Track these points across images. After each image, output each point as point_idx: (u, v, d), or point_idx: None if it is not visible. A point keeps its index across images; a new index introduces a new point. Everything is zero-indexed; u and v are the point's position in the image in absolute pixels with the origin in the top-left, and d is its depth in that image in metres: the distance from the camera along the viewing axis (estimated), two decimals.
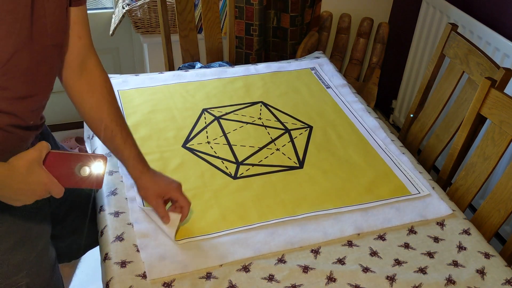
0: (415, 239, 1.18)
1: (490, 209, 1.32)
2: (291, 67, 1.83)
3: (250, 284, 1.04)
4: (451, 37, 1.61)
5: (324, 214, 1.21)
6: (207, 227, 1.16)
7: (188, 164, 1.34)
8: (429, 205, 1.26)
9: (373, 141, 1.48)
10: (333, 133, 1.50)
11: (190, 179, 1.29)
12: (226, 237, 1.14)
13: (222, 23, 2.26)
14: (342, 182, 1.32)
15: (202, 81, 1.69)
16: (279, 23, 2.27)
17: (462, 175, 1.44)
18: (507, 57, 1.85)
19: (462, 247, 1.17)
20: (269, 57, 2.40)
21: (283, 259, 1.10)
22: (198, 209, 1.21)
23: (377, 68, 2.51)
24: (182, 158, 1.36)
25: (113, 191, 1.23)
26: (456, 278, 1.08)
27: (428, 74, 1.70)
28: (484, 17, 1.99)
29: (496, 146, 1.35)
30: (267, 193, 1.27)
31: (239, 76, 1.74)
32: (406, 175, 1.36)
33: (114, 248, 1.09)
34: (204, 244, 1.12)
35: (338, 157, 1.41)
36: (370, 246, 1.15)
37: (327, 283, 1.06)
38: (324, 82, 1.75)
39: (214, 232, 1.15)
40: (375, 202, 1.26)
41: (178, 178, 1.21)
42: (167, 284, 1.03)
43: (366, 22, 2.48)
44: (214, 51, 2.09)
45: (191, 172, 1.32)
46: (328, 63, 1.87)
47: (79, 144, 2.44)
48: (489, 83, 1.35)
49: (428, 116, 1.67)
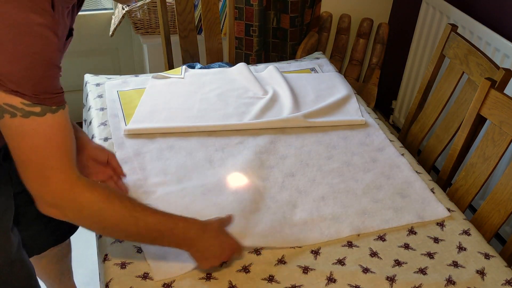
0: (415, 239, 1.18)
1: (490, 210, 1.32)
2: (291, 68, 1.83)
3: (250, 284, 1.04)
4: (451, 38, 1.61)
5: (322, 215, 1.21)
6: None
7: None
8: (426, 207, 1.26)
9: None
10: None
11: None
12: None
13: (222, 23, 2.26)
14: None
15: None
16: (279, 23, 2.27)
17: (462, 176, 1.44)
18: (507, 58, 1.85)
19: (462, 247, 1.17)
20: (269, 57, 2.40)
21: (283, 260, 1.10)
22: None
23: (377, 68, 2.51)
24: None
25: None
26: (456, 279, 1.08)
27: (428, 75, 1.70)
28: (484, 17, 1.99)
29: (496, 146, 1.35)
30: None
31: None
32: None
33: (114, 249, 1.09)
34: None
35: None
36: (370, 247, 1.15)
37: (327, 283, 1.05)
38: None
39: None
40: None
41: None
42: (167, 285, 1.03)
43: (366, 23, 2.48)
44: (214, 52, 2.09)
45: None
46: (328, 63, 1.87)
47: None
48: (489, 84, 1.35)
49: (428, 117, 1.67)
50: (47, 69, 0.82)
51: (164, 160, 1.34)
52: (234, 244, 1.04)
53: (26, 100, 0.79)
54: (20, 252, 1.17)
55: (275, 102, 1.58)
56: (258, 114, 1.52)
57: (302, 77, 1.75)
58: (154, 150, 1.37)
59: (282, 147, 1.43)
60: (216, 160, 1.35)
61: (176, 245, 1.00)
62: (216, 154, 1.38)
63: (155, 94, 1.59)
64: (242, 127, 1.47)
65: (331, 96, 1.64)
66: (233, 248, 1.03)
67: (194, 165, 1.33)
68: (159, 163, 1.33)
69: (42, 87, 0.81)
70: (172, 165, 1.33)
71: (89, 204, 0.87)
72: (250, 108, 1.55)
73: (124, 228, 0.92)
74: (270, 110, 1.55)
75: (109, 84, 1.64)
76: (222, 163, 1.35)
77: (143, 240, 0.99)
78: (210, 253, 1.01)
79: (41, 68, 0.81)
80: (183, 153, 1.37)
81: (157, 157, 1.35)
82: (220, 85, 1.65)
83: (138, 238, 0.97)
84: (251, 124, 1.48)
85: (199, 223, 1.01)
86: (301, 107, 1.57)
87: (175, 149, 1.38)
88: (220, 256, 1.02)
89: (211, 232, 1.01)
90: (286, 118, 1.49)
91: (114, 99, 1.57)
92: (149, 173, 1.29)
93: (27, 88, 0.79)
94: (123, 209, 0.90)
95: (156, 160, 1.34)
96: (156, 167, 1.32)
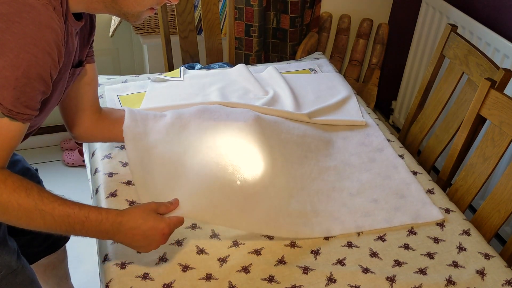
0: (415, 239, 1.18)
1: (490, 210, 1.32)
2: (290, 68, 1.83)
3: (250, 284, 1.04)
4: (450, 38, 1.62)
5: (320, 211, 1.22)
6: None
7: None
8: (421, 210, 1.25)
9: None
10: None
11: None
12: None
13: (222, 24, 2.26)
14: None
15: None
16: (279, 24, 2.27)
17: (462, 176, 1.44)
18: (506, 58, 1.85)
19: (462, 247, 1.17)
20: (269, 58, 2.40)
21: (283, 260, 1.10)
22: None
23: (376, 69, 2.51)
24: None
25: (113, 193, 1.23)
26: (456, 279, 1.08)
27: (428, 75, 1.70)
28: (484, 18, 1.99)
29: (496, 146, 1.35)
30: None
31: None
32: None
33: (114, 249, 1.09)
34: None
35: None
36: (370, 247, 1.15)
37: (327, 284, 1.06)
38: None
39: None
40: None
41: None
42: (167, 285, 1.03)
43: (366, 23, 2.48)
44: (214, 52, 2.09)
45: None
46: (328, 64, 1.87)
47: (79, 145, 2.44)
48: (489, 84, 1.35)
49: (428, 117, 1.67)
50: (37, 83, 0.85)
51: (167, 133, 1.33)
52: (165, 229, 0.98)
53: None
54: (21, 260, 1.17)
55: (276, 103, 1.58)
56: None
57: (302, 78, 1.75)
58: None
59: (285, 131, 1.42)
60: (219, 126, 1.33)
61: (93, 236, 0.96)
62: (220, 118, 1.35)
63: (155, 98, 1.59)
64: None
65: (331, 96, 1.64)
66: (164, 234, 0.98)
67: (196, 128, 1.32)
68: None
69: (21, 101, 0.84)
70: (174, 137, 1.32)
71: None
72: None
73: (28, 221, 0.89)
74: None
75: (108, 88, 1.63)
76: (225, 129, 1.32)
77: (56, 232, 0.94)
78: (136, 243, 0.97)
79: (30, 82, 0.84)
80: (186, 119, 1.35)
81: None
82: (220, 86, 1.65)
83: (49, 230, 0.93)
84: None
85: (115, 215, 0.95)
86: (302, 108, 1.57)
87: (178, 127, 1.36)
88: (150, 245, 0.98)
89: (129, 222, 0.96)
90: (291, 112, 1.49)
91: (115, 103, 1.56)
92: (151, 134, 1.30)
93: (7, 100, 0.82)
94: (29, 201, 0.87)
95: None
96: (158, 127, 1.31)
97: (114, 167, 1.31)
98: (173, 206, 1.04)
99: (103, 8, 0.95)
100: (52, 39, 0.84)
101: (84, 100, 1.18)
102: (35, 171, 1.36)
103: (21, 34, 0.81)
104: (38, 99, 0.88)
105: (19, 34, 0.80)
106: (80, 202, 0.94)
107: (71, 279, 1.61)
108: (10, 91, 0.82)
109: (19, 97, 0.83)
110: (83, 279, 1.81)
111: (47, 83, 0.88)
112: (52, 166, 2.41)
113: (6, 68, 0.80)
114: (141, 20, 1.00)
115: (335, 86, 1.71)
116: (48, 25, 0.83)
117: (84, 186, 2.23)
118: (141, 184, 1.15)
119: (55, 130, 2.47)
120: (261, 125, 1.36)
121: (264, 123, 1.38)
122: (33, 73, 0.83)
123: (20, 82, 0.82)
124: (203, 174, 1.19)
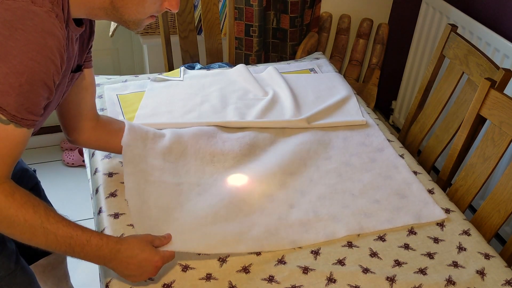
0: (415, 239, 1.18)
1: (490, 210, 1.32)
2: (290, 68, 1.83)
3: (250, 284, 1.04)
4: (450, 38, 1.61)
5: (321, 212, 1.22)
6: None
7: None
8: (423, 209, 1.25)
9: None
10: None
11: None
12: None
13: (222, 24, 2.26)
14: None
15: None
16: (279, 24, 2.27)
17: (462, 176, 1.44)
18: (506, 58, 1.85)
19: (462, 247, 1.17)
20: (269, 58, 2.40)
21: (283, 260, 1.10)
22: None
23: (376, 69, 2.51)
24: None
25: (113, 193, 1.23)
26: (456, 279, 1.08)
27: (428, 75, 1.70)
28: (484, 18, 1.99)
29: (496, 146, 1.35)
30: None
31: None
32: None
33: None
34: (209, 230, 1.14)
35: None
36: (370, 247, 1.15)
37: (327, 284, 1.06)
38: None
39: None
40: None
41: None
42: (167, 285, 1.03)
43: (365, 23, 2.48)
44: (214, 52, 2.09)
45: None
46: (328, 64, 1.87)
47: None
48: (489, 84, 1.35)
49: (428, 117, 1.67)
50: (40, 89, 0.86)
51: (163, 147, 1.34)
52: (158, 262, 1.00)
53: (3, 115, 0.82)
54: (20, 261, 1.17)
55: (276, 103, 1.58)
56: (259, 116, 1.52)
57: (302, 78, 1.75)
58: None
59: (281, 146, 1.42)
60: (215, 155, 1.35)
61: (89, 260, 0.97)
62: (216, 145, 1.37)
63: (155, 98, 1.59)
64: (244, 125, 1.47)
65: (331, 96, 1.64)
66: (157, 266, 1.00)
67: (193, 156, 1.34)
68: (159, 146, 1.33)
69: (25, 107, 0.84)
70: (173, 149, 1.33)
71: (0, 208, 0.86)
72: (250, 110, 1.55)
73: (30, 237, 0.90)
74: (271, 111, 1.55)
75: (108, 87, 1.63)
76: (222, 158, 1.34)
77: (53, 250, 0.96)
78: (128, 272, 0.99)
79: (33, 88, 0.84)
80: (183, 145, 1.36)
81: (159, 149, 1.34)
82: (220, 87, 1.65)
83: (49, 248, 0.94)
84: (254, 122, 1.48)
85: (115, 242, 0.98)
86: (302, 108, 1.57)
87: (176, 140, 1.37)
88: (141, 275, 1.00)
89: (127, 251, 0.98)
90: (289, 120, 1.49)
91: (114, 103, 1.56)
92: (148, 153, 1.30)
93: (11, 106, 0.82)
94: (35, 218, 0.88)
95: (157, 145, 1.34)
96: (156, 151, 1.32)
97: (114, 167, 1.31)
98: (166, 240, 1.07)
99: (104, 15, 0.96)
100: (55, 45, 0.85)
101: (81, 105, 1.18)
102: (33, 172, 1.36)
103: (25, 41, 0.81)
104: (41, 105, 0.89)
105: (22, 41, 0.81)
106: (82, 225, 0.96)
107: (71, 280, 1.61)
108: (14, 97, 0.82)
109: (23, 103, 0.84)
110: (83, 279, 1.80)
111: (50, 89, 0.88)
112: (52, 166, 2.41)
113: (10, 75, 0.81)
114: (141, 27, 1.00)
115: (335, 86, 1.71)
116: (51, 32, 0.84)
117: (84, 186, 2.24)
118: (136, 212, 1.16)
119: (55, 130, 2.47)
120: (255, 152, 1.39)
121: (261, 145, 1.41)
122: (37, 79, 0.84)
123: (24, 88, 0.82)
124: (198, 206, 1.20)
